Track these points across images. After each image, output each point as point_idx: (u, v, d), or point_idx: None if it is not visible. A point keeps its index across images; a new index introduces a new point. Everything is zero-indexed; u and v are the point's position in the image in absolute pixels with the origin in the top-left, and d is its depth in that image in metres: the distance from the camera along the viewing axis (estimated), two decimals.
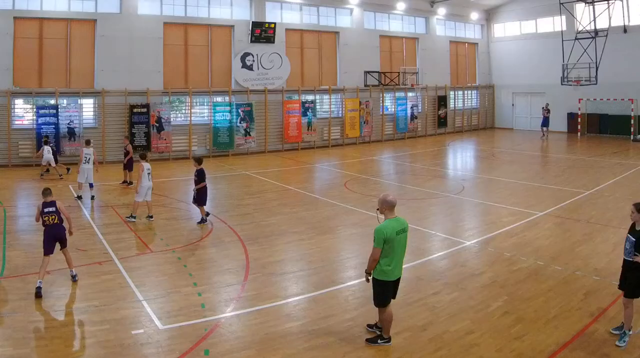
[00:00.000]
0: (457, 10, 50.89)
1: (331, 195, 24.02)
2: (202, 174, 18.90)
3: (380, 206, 10.04)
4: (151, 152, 34.58)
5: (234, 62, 38.76)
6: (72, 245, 14.88)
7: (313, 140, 41.69)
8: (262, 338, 10.38)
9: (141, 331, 10.63)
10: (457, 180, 28.03)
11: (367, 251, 10.78)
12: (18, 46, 32.17)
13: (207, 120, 37.52)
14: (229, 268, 14.50)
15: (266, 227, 18.64)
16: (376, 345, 10.05)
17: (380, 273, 9.85)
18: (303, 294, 12.78)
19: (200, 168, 18.91)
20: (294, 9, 41.93)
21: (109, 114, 33.99)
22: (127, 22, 34.79)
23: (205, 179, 18.91)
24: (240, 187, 27.09)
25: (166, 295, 12.51)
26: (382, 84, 45.41)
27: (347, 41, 44.01)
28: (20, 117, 33.05)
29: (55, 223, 13.28)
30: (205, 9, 37.99)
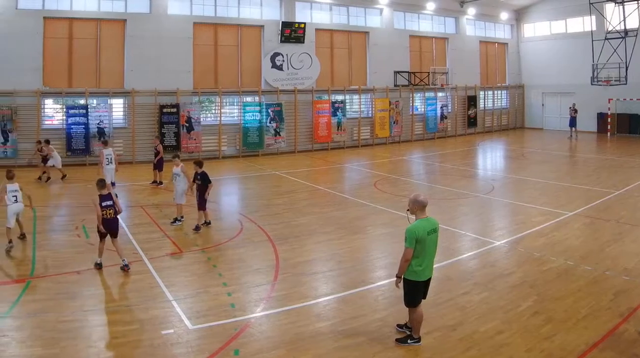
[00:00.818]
0: (487, 10, 49.10)
1: (361, 195, 23.26)
2: (206, 176, 17.99)
3: (411, 206, 9.74)
4: (181, 152, 32.88)
5: (264, 62, 37.52)
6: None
7: (343, 140, 40.29)
8: (291, 338, 10.15)
9: (171, 331, 10.43)
10: (487, 180, 27.11)
11: (397, 251, 10.89)
12: (48, 46, 31.18)
13: (237, 120, 36.35)
14: (259, 268, 14.12)
15: (296, 227, 18.11)
16: (406, 345, 9.81)
17: (411, 273, 9.59)
18: (333, 294, 12.46)
19: (203, 171, 18.04)
20: (323, 9, 40.52)
21: (138, 114, 32.98)
22: (157, 22, 33.72)
23: (210, 181, 18.00)
24: (270, 187, 26.31)
25: (196, 295, 12.25)
26: (412, 84, 43.82)
27: (376, 41, 42.48)
28: (49, 117, 32.10)
29: (112, 218, 13.79)
30: (235, 9, 36.73)
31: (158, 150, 26.09)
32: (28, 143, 29.62)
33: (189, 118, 33.97)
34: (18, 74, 29.80)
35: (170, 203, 20.58)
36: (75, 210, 20.43)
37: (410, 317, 9.91)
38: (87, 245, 15.81)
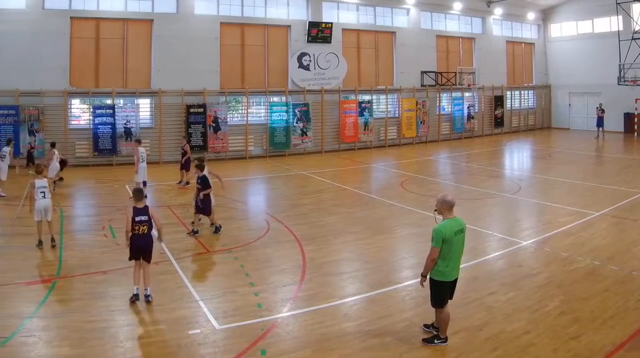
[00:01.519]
0: (514, 10, 47.33)
1: (388, 195, 22.51)
2: (207, 180, 16.96)
3: (438, 206, 9.56)
4: (207, 152, 32.56)
5: (291, 62, 36.29)
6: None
7: (370, 140, 38.92)
8: (318, 339, 9.90)
9: (198, 331, 10.18)
10: (514, 180, 26.21)
11: (424, 251, 10.52)
12: (74, 46, 30.27)
13: (264, 120, 35.22)
14: (286, 268, 13.76)
15: (323, 227, 17.61)
16: (433, 345, 9.57)
17: (437, 273, 9.39)
18: (359, 294, 12.16)
19: (204, 174, 16.98)
20: (350, 9, 39.12)
21: (165, 114, 31.95)
22: (184, 22, 32.67)
23: (210, 185, 16.92)
24: (296, 187, 25.49)
25: (223, 295, 11.94)
26: (439, 84, 42.31)
27: (403, 41, 40.97)
28: (76, 117, 31.23)
29: (145, 235, 11.68)
30: (261, 9, 35.54)
31: (185, 150, 25.18)
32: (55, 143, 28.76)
33: (215, 118, 32.99)
34: (45, 74, 28.94)
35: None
36: (102, 210, 19.75)
37: (437, 317, 9.71)
38: (114, 245, 15.37)
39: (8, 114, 28.44)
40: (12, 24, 28.50)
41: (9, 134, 28.11)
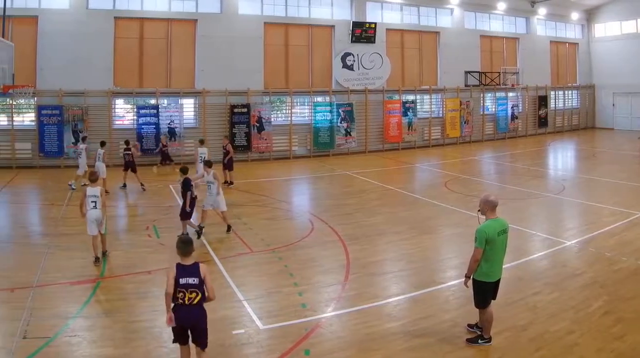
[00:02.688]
0: (558, 10, 44.13)
1: (432, 195, 21.37)
2: (185, 183, 15.31)
3: (481, 206, 9.11)
4: (251, 152, 30.70)
5: (335, 62, 33.91)
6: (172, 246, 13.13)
7: (414, 140, 36.38)
8: (362, 338, 9.44)
9: (242, 331, 9.74)
10: (558, 180, 24.71)
11: (467, 251, 9.96)
12: (118, 46, 28.48)
13: (308, 120, 33.01)
14: (330, 268, 13.08)
15: (367, 227, 16.65)
16: (477, 345, 9.10)
17: (481, 274, 8.94)
18: (403, 294, 11.53)
19: (185, 177, 15.34)
20: (394, 9, 36.54)
21: (209, 113, 29.96)
22: (228, 22, 30.62)
23: (189, 189, 15.31)
24: (340, 187, 23.91)
25: (267, 295, 11.39)
26: (483, 84, 39.53)
27: (447, 41, 38.22)
28: (120, 117, 29.37)
29: (194, 305, 7.57)
30: (305, 9, 33.30)
31: (228, 150, 23.50)
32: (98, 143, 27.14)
33: (259, 118, 30.97)
34: (89, 74, 27.28)
35: (239, 203, 19.65)
36: (146, 210, 18.72)
37: (481, 317, 9.25)
38: (158, 246, 14.71)
39: (52, 114, 26.80)
40: (56, 24, 26.93)
41: (53, 134, 26.64)
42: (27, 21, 26.75)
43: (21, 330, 9.42)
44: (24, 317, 9.92)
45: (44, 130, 26.73)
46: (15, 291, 11.23)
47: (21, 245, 14.80)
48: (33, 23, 26.84)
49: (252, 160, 30.71)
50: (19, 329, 9.45)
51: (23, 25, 26.66)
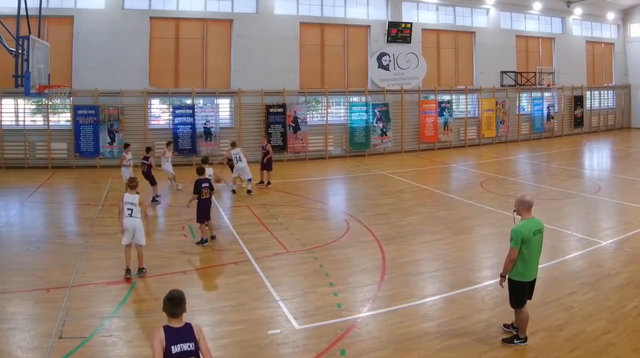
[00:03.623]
0: (594, 10, 41.16)
1: (467, 195, 20.18)
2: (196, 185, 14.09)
3: (517, 206, 8.56)
4: (287, 152, 28.71)
5: (370, 62, 31.71)
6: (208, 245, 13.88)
7: (449, 140, 34.00)
8: (398, 339, 8.88)
9: (277, 331, 9.20)
10: (594, 180, 23.35)
11: (503, 251, 9.12)
12: (154, 46, 26.77)
13: (344, 120, 30.87)
14: (365, 268, 12.39)
15: (402, 227, 15.79)
16: (512, 345, 8.57)
17: (516, 274, 8.41)
18: (439, 294, 10.95)
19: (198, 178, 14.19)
20: (430, 9, 34.13)
21: (245, 114, 28.10)
22: (264, 22, 28.67)
23: (198, 191, 13.97)
24: (376, 187, 22.56)
25: (302, 295, 10.78)
26: (519, 84, 36.84)
27: (483, 41, 35.64)
28: (156, 117, 27.59)
29: None
30: (341, 9, 31.14)
31: (267, 150, 21.82)
32: (134, 143, 25.47)
33: (295, 118, 28.99)
34: (125, 74, 25.66)
35: (275, 203, 18.93)
36: (181, 210, 17.12)
37: (517, 317, 8.77)
38: (194, 246, 13.91)
39: (88, 114, 25.19)
40: (91, 24, 25.33)
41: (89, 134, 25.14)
42: (62, 21, 25.20)
43: (57, 330, 8.94)
44: (60, 317, 9.43)
45: (80, 130, 25.13)
46: (51, 291, 10.67)
47: (57, 245, 13.93)
48: (69, 23, 25.27)
49: (287, 160, 28.80)
50: (54, 329, 8.98)
51: (59, 25, 25.10)
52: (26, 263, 12.35)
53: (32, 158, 25.15)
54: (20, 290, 10.74)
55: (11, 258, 12.74)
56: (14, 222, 16.43)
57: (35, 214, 17.50)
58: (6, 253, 13.17)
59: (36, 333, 8.91)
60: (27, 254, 13.03)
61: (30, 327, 9.14)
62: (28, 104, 25.84)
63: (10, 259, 12.65)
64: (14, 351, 8.35)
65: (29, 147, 25.03)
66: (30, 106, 26.13)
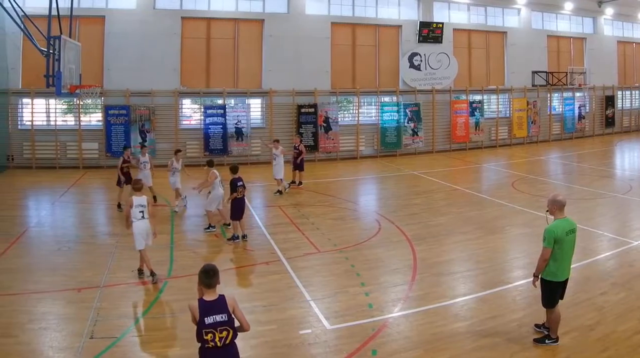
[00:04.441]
0: (625, 10, 38.19)
1: (499, 195, 18.95)
2: (232, 184, 13.36)
3: (550, 206, 8.01)
4: (318, 152, 26.73)
5: (402, 62, 29.49)
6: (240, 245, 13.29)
7: (480, 140, 31.65)
8: (429, 339, 8.31)
9: (309, 331, 8.63)
10: (625, 180, 21.97)
11: (535, 251, 8.99)
12: (185, 46, 25.01)
13: (375, 120, 28.76)
14: (397, 268, 11.66)
15: (434, 227, 14.88)
16: (544, 345, 8.03)
17: (549, 274, 7.91)
18: (470, 294, 10.14)
19: (233, 177, 13.42)
20: (461, 9, 31.74)
21: (276, 114, 26.18)
22: (295, 22, 26.72)
23: (235, 190, 13.28)
24: (407, 187, 21.30)
25: (333, 295, 10.09)
26: (550, 84, 34.27)
27: (514, 41, 33.13)
28: (187, 117, 25.81)
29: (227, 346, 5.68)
30: (372, 9, 28.99)
31: (300, 150, 20.22)
32: (166, 143, 24.02)
33: (326, 118, 27.02)
34: (156, 74, 24.03)
35: (306, 203, 17.86)
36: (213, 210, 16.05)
37: (548, 317, 8.13)
38: (225, 246, 13.24)
39: (119, 114, 23.56)
40: (123, 24, 23.71)
41: (120, 134, 23.58)
42: (94, 21, 23.61)
43: (88, 330, 8.50)
44: (91, 317, 8.97)
45: (111, 130, 23.51)
46: (82, 291, 10.14)
47: (88, 245, 13.13)
48: (100, 23, 23.67)
49: (319, 160, 26.86)
50: (86, 329, 8.54)
51: (90, 25, 23.52)
52: (57, 263, 11.62)
53: (63, 158, 23.60)
54: (52, 290, 10.14)
55: (42, 258, 12.01)
56: (45, 222, 15.45)
57: (67, 214, 16.49)
58: (38, 254, 12.41)
59: (67, 333, 8.45)
60: (58, 254, 12.24)
61: (62, 327, 8.66)
62: (59, 104, 24.30)
63: (41, 259, 11.94)
64: (46, 351, 7.90)
65: (60, 147, 23.48)
66: (62, 106, 24.63)
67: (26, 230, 14.31)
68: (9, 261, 11.68)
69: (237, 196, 13.17)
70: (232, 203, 13.24)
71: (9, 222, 14.89)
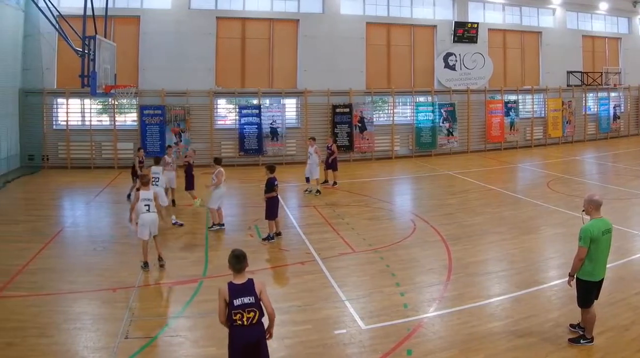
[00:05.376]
0: None
1: (534, 195, 17.42)
2: (270, 183, 12.45)
3: (586, 206, 7.45)
4: (353, 152, 24.35)
5: (437, 62, 26.89)
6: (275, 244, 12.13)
7: (515, 140, 28.78)
8: (464, 339, 7.59)
9: (344, 331, 7.91)
10: None
11: (570, 251, 8.55)
12: (220, 46, 22.91)
13: (410, 120, 26.18)
14: (432, 268, 10.53)
15: (468, 227, 13.65)
16: (579, 345, 7.36)
17: (584, 273, 7.27)
18: (505, 294, 9.28)
19: (270, 177, 12.47)
20: (496, 8, 28.87)
21: (311, 113, 23.90)
22: (330, 21, 24.37)
23: (273, 189, 12.39)
24: (442, 187, 19.69)
25: (368, 295, 9.22)
26: (585, 84, 31.13)
27: (549, 41, 30.10)
28: (222, 117, 23.66)
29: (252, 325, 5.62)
30: (407, 9, 26.42)
31: (333, 150, 18.70)
32: (201, 143, 22.11)
33: (361, 118, 24.62)
34: (191, 74, 22.00)
35: (341, 203, 16.41)
36: (247, 210, 15.56)
37: (583, 317, 7.45)
38: (260, 245, 12.14)
39: (154, 114, 21.58)
40: (158, 24, 21.76)
41: (155, 134, 21.73)
42: (129, 21, 21.70)
43: (123, 330, 7.78)
44: (126, 317, 8.25)
45: (146, 130, 21.54)
46: (117, 291, 9.41)
47: (123, 245, 12.06)
48: (135, 23, 21.74)
49: (354, 160, 24.51)
50: (121, 329, 7.82)
51: (125, 25, 21.62)
52: (92, 263, 10.82)
53: (98, 158, 21.70)
54: (87, 290, 9.43)
55: (78, 258, 11.21)
56: (80, 222, 14.41)
57: (102, 214, 15.31)
58: (73, 253, 11.60)
59: (103, 333, 7.84)
60: (93, 254, 11.39)
61: (97, 327, 8.03)
62: (94, 104, 22.41)
63: (76, 259, 11.13)
64: (81, 351, 7.34)
65: (95, 147, 21.60)
66: (97, 106, 22.72)
67: (61, 230, 13.22)
68: (44, 261, 10.77)
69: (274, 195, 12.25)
70: (267, 203, 12.24)
71: (44, 222, 13.84)
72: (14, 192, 18.05)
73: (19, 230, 13.07)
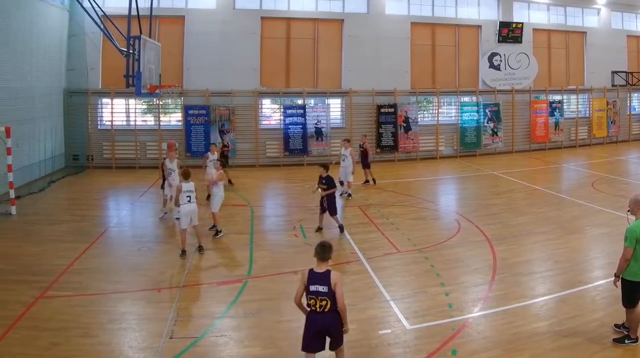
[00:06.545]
0: None
1: (578, 195, 15.56)
2: (330, 179, 11.24)
3: (632, 206, 6.50)
4: (398, 152, 21.49)
5: (481, 62, 23.66)
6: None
7: (560, 140, 25.31)
8: (509, 339, 6.78)
9: (388, 331, 7.09)
10: None
11: (615, 251, 7.82)
12: (265, 46, 20.30)
13: (455, 120, 23.14)
14: (477, 268, 9.30)
15: (513, 227, 11.99)
16: (623, 345, 6.53)
17: (630, 273, 6.37)
18: (550, 294, 8.20)
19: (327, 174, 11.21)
20: (541, 9, 25.41)
21: (356, 113, 21.04)
22: (375, 22, 21.50)
23: (334, 185, 11.26)
24: (487, 187, 17.70)
25: (413, 295, 8.20)
26: (630, 84, 27.40)
27: (594, 41, 26.50)
28: (267, 117, 21.10)
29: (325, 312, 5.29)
30: (452, 9, 23.31)
31: (365, 148, 16.74)
32: (246, 143, 19.76)
33: (406, 118, 21.72)
34: (235, 74, 19.51)
35: (386, 203, 14.60)
36: (292, 210, 14.06)
37: (628, 317, 6.63)
38: (305, 245, 10.52)
39: (199, 114, 19.17)
40: (202, 24, 19.32)
41: (200, 134, 19.40)
42: (174, 21, 19.31)
43: (168, 330, 6.92)
44: (171, 317, 7.32)
45: (191, 130, 19.15)
46: (162, 291, 8.38)
47: (167, 244, 10.96)
48: (180, 23, 19.33)
49: (398, 160, 21.65)
50: (165, 329, 6.96)
51: (170, 25, 19.28)
52: (137, 263, 9.83)
53: (143, 158, 19.32)
54: (132, 290, 8.49)
55: (122, 258, 10.20)
56: (125, 222, 13.12)
57: (146, 214, 13.74)
58: (117, 253, 10.55)
59: (147, 333, 6.93)
60: (138, 254, 10.32)
61: (142, 327, 7.14)
62: (139, 104, 20.09)
63: (121, 259, 10.12)
64: (125, 351, 6.50)
65: (140, 147, 19.26)
66: (141, 106, 20.41)
67: (106, 230, 12.10)
68: (89, 261, 9.86)
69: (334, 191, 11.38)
70: (328, 199, 11.23)
71: (89, 222, 12.64)
72: (59, 192, 16.18)
73: (63, 230, 11.86)
